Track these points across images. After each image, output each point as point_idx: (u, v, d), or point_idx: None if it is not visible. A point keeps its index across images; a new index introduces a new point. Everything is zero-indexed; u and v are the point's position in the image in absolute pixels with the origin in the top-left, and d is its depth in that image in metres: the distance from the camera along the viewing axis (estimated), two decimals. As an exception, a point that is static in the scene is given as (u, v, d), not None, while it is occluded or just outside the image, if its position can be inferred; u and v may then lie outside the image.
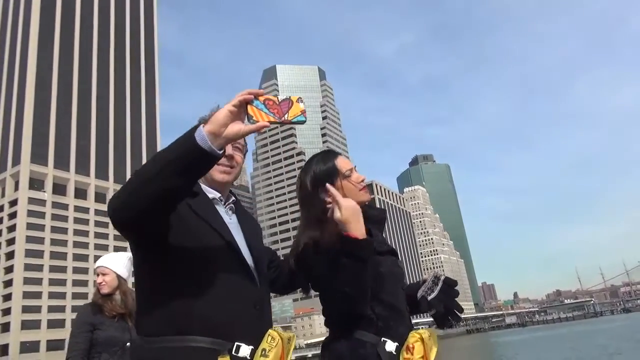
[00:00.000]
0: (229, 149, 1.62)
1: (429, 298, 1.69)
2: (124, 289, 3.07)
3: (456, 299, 1.78)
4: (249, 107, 1.24)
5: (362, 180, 1.74)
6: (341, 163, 1.74)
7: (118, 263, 3.12)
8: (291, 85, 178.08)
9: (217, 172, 1.60)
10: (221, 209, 1.57)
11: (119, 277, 3.07)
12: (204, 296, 1.37)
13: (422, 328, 1.66)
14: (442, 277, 1.74)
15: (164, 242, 1.37)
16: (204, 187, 1.59)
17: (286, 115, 1.28)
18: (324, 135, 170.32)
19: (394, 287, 1.66)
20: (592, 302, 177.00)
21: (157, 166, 1.21)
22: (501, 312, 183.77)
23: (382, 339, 1.55)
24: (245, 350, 1.35)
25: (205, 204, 1.52)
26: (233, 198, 1.68)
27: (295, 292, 2.07)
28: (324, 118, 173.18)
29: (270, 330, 1.40)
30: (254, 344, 1.36)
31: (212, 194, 1.59)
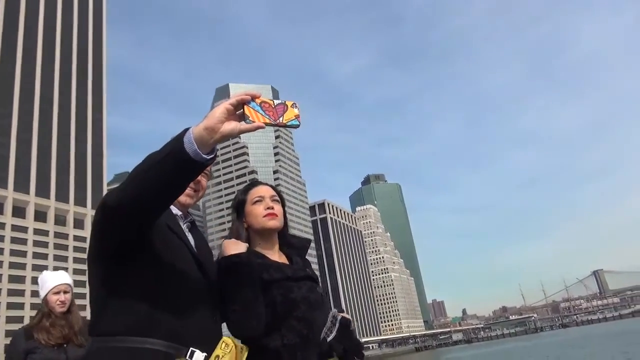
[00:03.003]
0: None
1: (328, 339, 1.67)
2: (74, 306, 3.06)
3: (356, 336, 1.78)
4: (246, 107, 1.27)
5: (269, 208, 1.81)
6: (253, 193, 1.86)
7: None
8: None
9: (182, 194, 1.62)
10: (183, 227, 1.64)
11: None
12: (166, 301, 1.41)
13: (334, 357, 1.67)
14: (339, 318, 1.73)
15: (142, 244, 1.41)
16: None
17: (281, 118, 1.30)
18: (276, 154, 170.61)
19: (308, 313, 1.67)
20: (533, 318, 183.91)
21: (147, 165, 1.25)
22: (449, 329, 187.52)
23: None
24: (199, 356, 1.39)
25: (173, 218, 1.59)
26: (190, 217, 1.73)
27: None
28: (276, 137, 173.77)
29: (224, 337, 1.45)
30: (208, 351, 1.40)
31: (175, 211, 1.65)
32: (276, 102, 1.33)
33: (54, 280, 3.05)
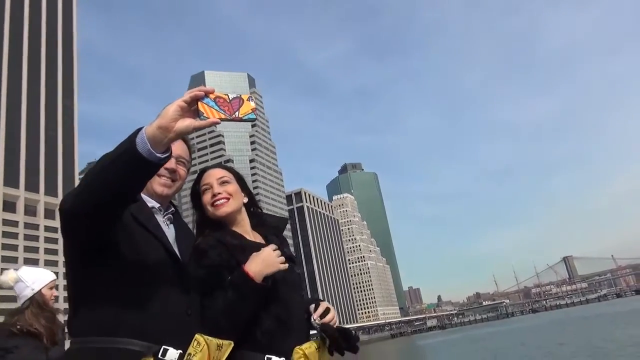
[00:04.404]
0: (172, 163, 1.64)
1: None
2: None
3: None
4: (199, 103, 1.25)
5: (214, 195, 1.76)
6: (201, 182, 1.82)
7: None
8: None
9: (157, 184, 1.62)
10: (160, 219, 1.60)
11: None
12: (136, 299, 1.39)
13: (311, 340, 1.66)
14: (318, 325, 1.69)
15: (106, 245, 1.39)
16: (143, 195, 1.60)
17: (237, 113, 1.30)
18: (252, 143, 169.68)
19: (287, 295, 1.67)
20: (504, 303, 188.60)
21: (100, 167, 1.23)
22: (423, 316, 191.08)
23: (267, 356, 1.55)
24: (172, 354, 1.37)
25: (145, 212, 1.55)
26: (172, 209, 1.70)
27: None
28: (253, 126, 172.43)
29: (197, 335, 1.41)
30: (183, 349, 1.38)
31: (151, 203, 1.61)
32: (231, 96, 1.32)
33: (48, 274, 3.04)
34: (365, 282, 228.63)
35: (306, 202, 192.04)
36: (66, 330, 2.50)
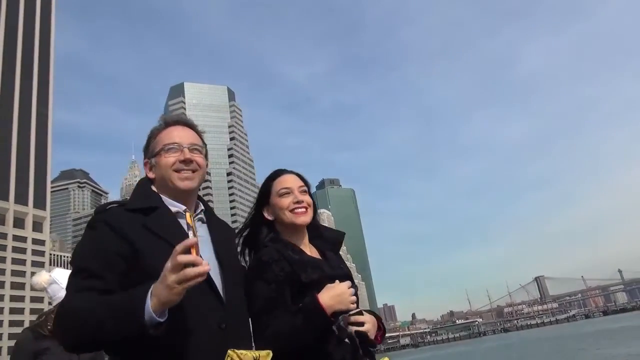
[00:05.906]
0: (186, 153, 1.52)
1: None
2: None
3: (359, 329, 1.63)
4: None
5: (298, 202, 1.72)
6: (278, 183, 1.78)
7: None
8: (198, 104, 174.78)
9: (178, 180, 1.49)
10: (193, 221, 1.45)
11: None
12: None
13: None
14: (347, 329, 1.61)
15: (124, 277, 1.34)
16: (165, 199, 1.48)
17: (190, 231, 1.27)
18: (230, 156, 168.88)
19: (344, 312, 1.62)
20: (477, 322, 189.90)
21: (107, 337, 1.22)
22: (397, 334, 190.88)
23: None
24: None
25: (166, 220, 1.44)
26: (202, 207, 1.57)
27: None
28: (231, 139, 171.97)
29: (229, 351, 1.32)
30: None
31: (175, 207, 1.49)
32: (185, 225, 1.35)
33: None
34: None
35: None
36: None
